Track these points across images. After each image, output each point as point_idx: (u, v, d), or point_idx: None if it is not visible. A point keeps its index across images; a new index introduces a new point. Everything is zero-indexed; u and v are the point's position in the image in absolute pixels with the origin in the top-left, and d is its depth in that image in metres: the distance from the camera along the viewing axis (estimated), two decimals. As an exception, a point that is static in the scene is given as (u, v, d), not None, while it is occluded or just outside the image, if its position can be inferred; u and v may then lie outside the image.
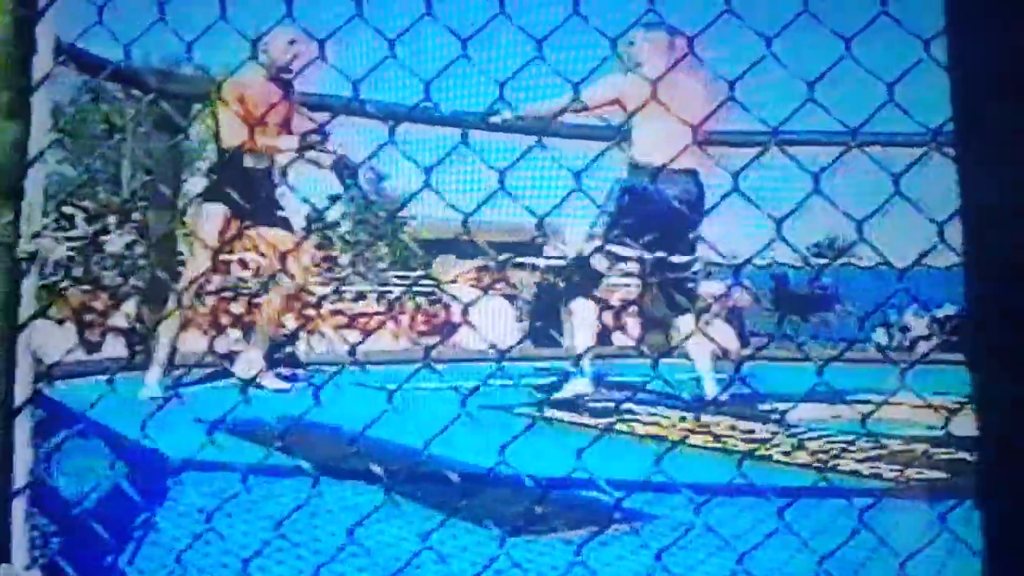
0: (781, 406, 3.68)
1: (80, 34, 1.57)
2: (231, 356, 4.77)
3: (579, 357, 4.02)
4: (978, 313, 0.82)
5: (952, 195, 0.83)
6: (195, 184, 6.71)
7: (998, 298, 0.80)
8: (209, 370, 4.56)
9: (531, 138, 4.14)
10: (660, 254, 3.87)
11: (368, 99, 5.17)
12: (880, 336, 8.57)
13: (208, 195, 4.22)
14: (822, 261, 9.86)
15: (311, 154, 4.06)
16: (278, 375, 4.40)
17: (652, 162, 3.82)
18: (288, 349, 5.91)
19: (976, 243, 0.81)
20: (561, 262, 10.00)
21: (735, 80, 1.13)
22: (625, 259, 4.00)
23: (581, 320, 4.11)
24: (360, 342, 6.17)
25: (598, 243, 3.94)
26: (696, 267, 4.06)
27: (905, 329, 8.35)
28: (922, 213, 1.05)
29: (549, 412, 3.63)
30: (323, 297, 8.39)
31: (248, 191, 4.05)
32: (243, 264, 7.70)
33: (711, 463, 2.61)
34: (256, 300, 6.81)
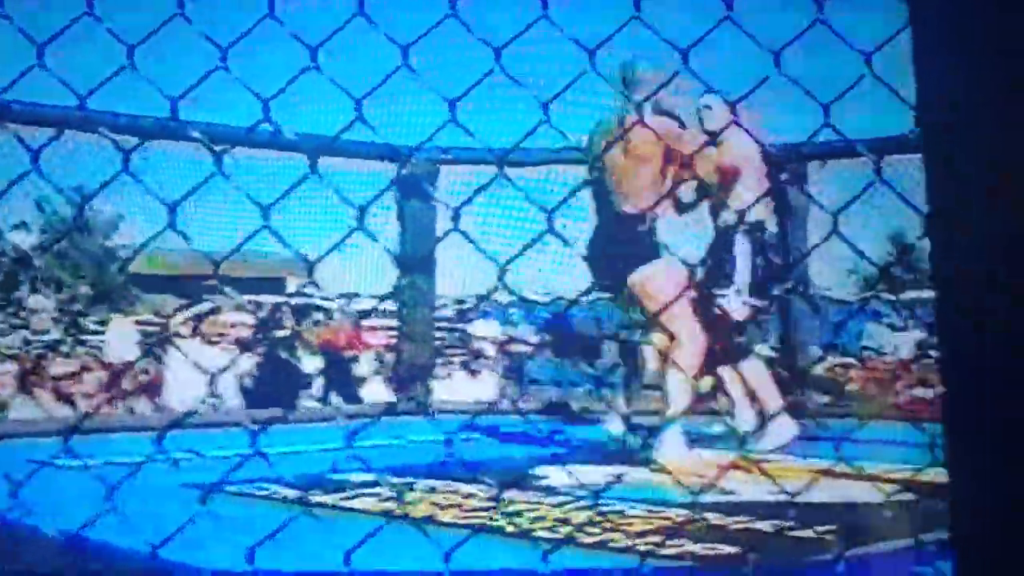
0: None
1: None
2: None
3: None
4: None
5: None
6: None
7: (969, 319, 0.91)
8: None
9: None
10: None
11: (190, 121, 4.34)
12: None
13: None
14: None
15: None
16: None
17: (760, 218, 4.33)
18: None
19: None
20: (315, 301, 9.06)
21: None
22: (760, 310, 4.36)
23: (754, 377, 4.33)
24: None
25: (744, 298, 4.25)
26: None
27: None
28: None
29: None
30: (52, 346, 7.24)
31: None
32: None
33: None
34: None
